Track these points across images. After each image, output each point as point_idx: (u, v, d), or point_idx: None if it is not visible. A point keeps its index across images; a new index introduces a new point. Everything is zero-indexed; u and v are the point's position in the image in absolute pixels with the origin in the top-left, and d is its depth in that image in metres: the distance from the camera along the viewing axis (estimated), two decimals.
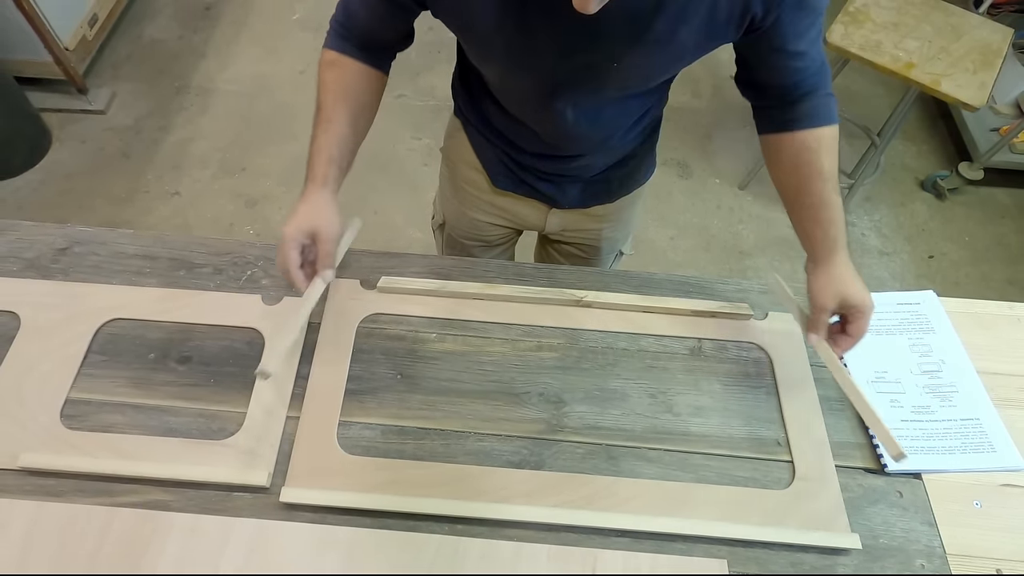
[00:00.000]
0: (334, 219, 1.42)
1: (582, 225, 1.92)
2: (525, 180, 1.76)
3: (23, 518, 1.26)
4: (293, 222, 1.35)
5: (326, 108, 1.44)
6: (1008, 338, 1.64)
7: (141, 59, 4.36)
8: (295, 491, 1.31)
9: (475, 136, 1.77)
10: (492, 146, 1.73)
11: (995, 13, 4.23)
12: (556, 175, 1.73)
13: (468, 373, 1.52)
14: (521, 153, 1.69)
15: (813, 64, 1.38)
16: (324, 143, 1.42)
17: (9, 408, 1.39)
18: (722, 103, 4.36)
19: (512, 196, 1.84)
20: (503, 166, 1.76)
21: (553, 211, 1.86)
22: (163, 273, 1.62)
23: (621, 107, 1.51)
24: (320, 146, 1.42)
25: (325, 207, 1.40)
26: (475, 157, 1.80)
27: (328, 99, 1.44)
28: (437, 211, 2.14)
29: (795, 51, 1.33)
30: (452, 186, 1.96)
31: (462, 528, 1.31)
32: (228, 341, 1.53)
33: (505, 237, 2.08)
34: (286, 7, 4.75)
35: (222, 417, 1.42)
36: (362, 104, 1.49)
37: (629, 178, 1.82)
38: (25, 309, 1.53)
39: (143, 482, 1.33)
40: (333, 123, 1.43)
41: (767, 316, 1.64)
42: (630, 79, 1.35)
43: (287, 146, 3.93)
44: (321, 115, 1.44)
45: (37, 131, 3.77)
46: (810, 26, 1.30)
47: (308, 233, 1.36)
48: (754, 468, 1.42)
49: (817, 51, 1.38)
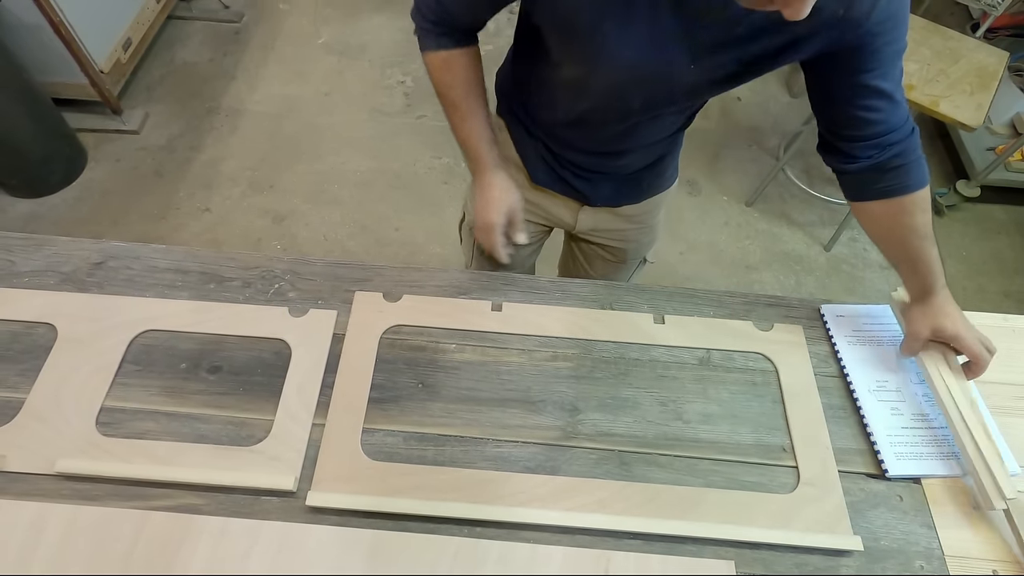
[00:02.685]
0: (517, 193, 1.63)
1: (611, 225, 1.93)
2: (563, 176, 1.77)
3: (60, 521, 1.27)
4: (494, 209, 1.52)
5: (460, 104, 1.56)
6: (1003, 349, 1.62)
7: (173, 81, 4.38)
8: (321, 495, 1.31)
9: (519, 133, 1.79)
10: (535, 142, 1.75)
11: (991, 37, 4.24)
12: (594, 172, 1.75)
13: (486, 382, 1.51)
14: (564, 149, 1.72)
15: (899, 113, 1.36)
16: (477, 131, 1.58)
17: (47, 415, 1.40)
18: (730, 124, 4.35)
19: (548, 193, 1.85)
20: (543, 162, 1.78)
21: (584, 209, 1.87)
22: (194, 286, 1.63)
23: (678, 114, 1.54)
24: (477, 133, 1.58)
25: (509, 185, 1.58)
26: (515, 154, 1.82)
27: (459, 94, 1.55)
28: (468, 212, 2.13)
29: (879, 87, 1.31)
30: None
31: (481, 530, 1.31)
32: (256, 351, 1.53)
33: (535, 237, 2.08)
34: (312, 32, 4.78)
35: (251, 424, 1.42)
36: (481, 82, 1.59)
37: (658, 179, 1.85)
38: (62, 321, 1.53)
39: (175, 486, 1.33)
40: (476, 113, 1.57)
41: (773, 328, 1.63)
42: (701, 83, 1.36)
43: (313, 165, 3.94)
44: (460, 110, 1.56)
45: (73, 150, 3.79)
46: (894, 58, 1.28)
47: (506, 214, 1.53)
48: (760, 473, 1.41)
49: (903, 97, 1.36)
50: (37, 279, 1.61)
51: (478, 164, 1.60)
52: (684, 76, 1.34)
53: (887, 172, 1.41)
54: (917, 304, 1.51)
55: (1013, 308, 3.61)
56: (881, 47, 1.24)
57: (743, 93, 4.42)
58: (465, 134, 1.58)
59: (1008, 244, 3.93)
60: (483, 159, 1.56)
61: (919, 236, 1.43)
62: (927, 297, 1.49)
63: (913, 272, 1.48)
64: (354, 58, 1.66)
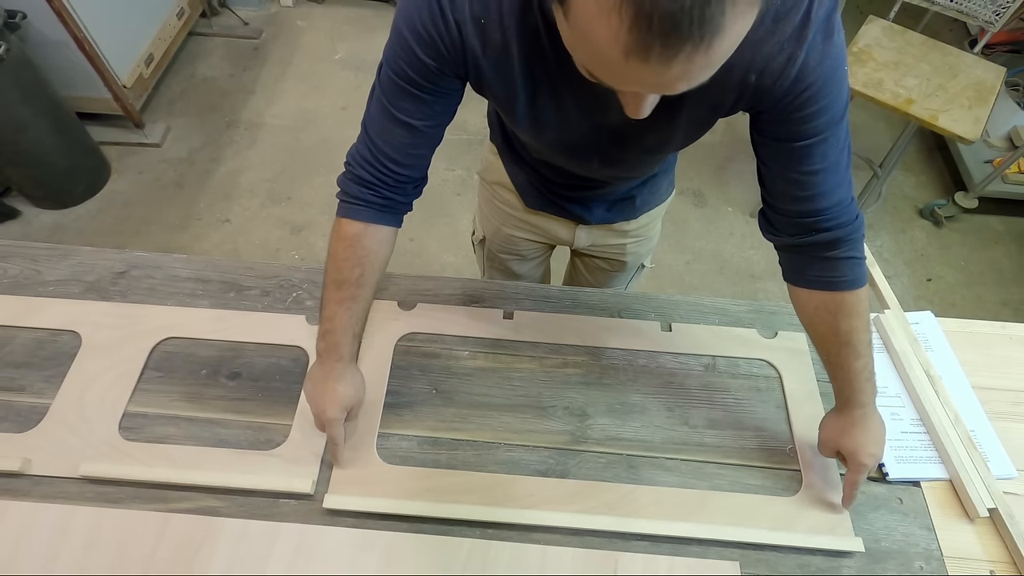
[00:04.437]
0: (363, 389, 1.42)
1: (609, 240, 1.92)
2: (554, 201, 1.76)
3: (84, 523, 1.27)
4: (336, 403, 1.32)
5: (349, 285, 1.34)
6: (1001, 356, 1.64)
7: (194, 96, 4.38)
8: (337, 498, 1.31)
9: (509, 161, 1.76)
10: (526, 171, 1.72)
11: (989, 53, 4.24)
12: (583, 198, 1.74)
13: (498, 388, 1.52)
14: (550, 181, 1.68)
15: (830, 196, 1.21)
16: (349, 322, 1.36)
17: (71, 421, 1.41)
18: (734, 138, 4.36)
19: (543, 215, 1.84)
20: (534, 188, 1.75)
21: (581, 227, 1.86)
22: (214, 295, 1.64)
23: (640, 159, 1.48)
24: (345, 324, 1.36)
25: (358, 381, 1.40)
26: (509, 180, 1.81)
27: (352, 276, 1.34)
28: (477, 228, 2.15)
29: (801, 156, 1.16)
30: (489, 205, 1.97)
31: (493, 532, 1.31)
32: (275, 358, 1.54)
33: (539, 251, 2.09)
34: (329, 48, 4.78)
35: (269, 429, 1.42)
36: (383, 270, 1.41)
37: (650, 196, 1.81)
38: (86, 328, 1.54)
39: (196, 490, 1.34)
40: (357, 301, 1.36)
41: (776, 335, 1.63)
42: (648, 144, 1.30)
43: (330, 177, 3.79)
44: (343, 291, 1.34)
45: (97, 163, 3.79)
46: (817, 136, 1.13)
47: (348, 409, 1.35)
48: (764, 477, 1.42)
49: (837, 182, 1.20)
50: (62, 288, 1.62)
51: (333, 352, 1.36)
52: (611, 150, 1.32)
53: (815, 260, 1.29)
54: (834, 412, 1.38)
55: (1010, 316, 3.60)
56: (806, 119, 1.11)
57: None
58: (334, 315, 1.36)
59: (1005, 254, 3.92)
60: (340, 349, 1.36)
61: (840, 342, 1.29)
62: (842, 408, 1.35)
63: (832, 376, 1.35)
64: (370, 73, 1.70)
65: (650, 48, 0.72)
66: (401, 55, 1.15)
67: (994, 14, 3.33)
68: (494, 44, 1.10)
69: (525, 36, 1.09)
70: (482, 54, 1.12)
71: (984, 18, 3.36)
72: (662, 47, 0.71)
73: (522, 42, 1.10)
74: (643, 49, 0.72)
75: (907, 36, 3.46)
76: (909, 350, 1.59)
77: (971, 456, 1.42)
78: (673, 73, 0.76)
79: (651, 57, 0.73)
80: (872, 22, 3.51)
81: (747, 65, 1.04)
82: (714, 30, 0.71)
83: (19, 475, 1.34)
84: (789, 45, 1.01)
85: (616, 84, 0.85)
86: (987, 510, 1.36)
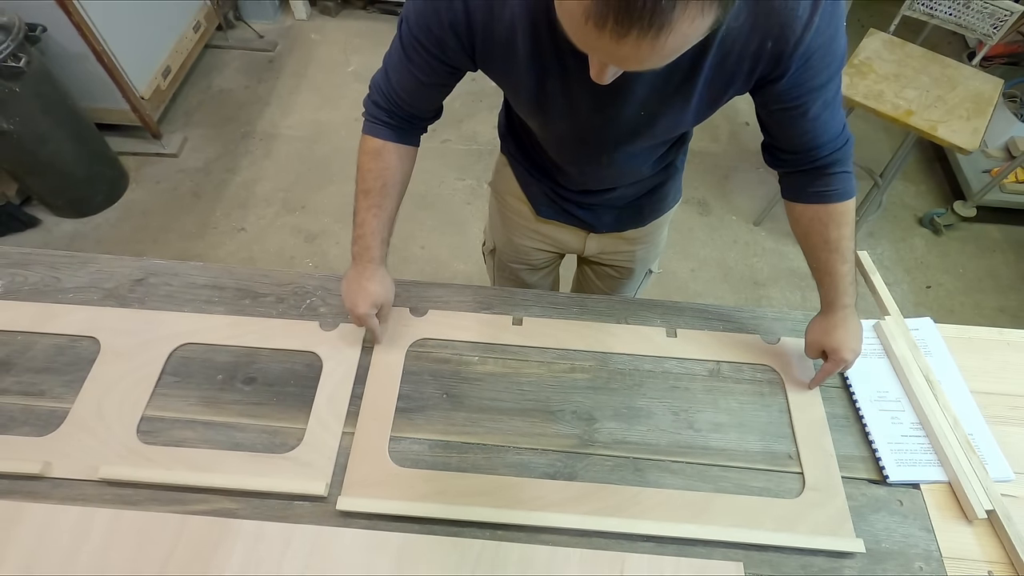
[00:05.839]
0: (392, 289, 1.56)
1: (617, 247, 1.93)
2: (565, 209, 1.77)
3: (103, 525, 1.28)
4: (367, 300, 1.46)
5: (374, 193, 1.48)
6: (999, 361, 1.64)
7: (210, 107, 4.40)
8: (350, 500, 1.32)
9: (520, 172, 1.77)
10: (536, 181, 1.74)
11: (987, 65, 4.23)
12: (593, 205, 1.75)
13: (508, 393, 1.52)
14: (561, 187, 1.70)
15: (827, 133, 1.33)
16: (377, 226, 1.49)
17: (90, 424, 1.41)
18: (738, 147, 4.35)
19: (553, 223, 1.85)
20: (545, 197, 1.77)
21: (591, 235, 1.87)
22: (230, 302, 1.64)
23: (650, 150, 1.50)
24: (374, 228, 1.49)
25: (388, 282, 1.53)
26: (520, 190, 1.81)
27: (376, 185, 1.47)
28: (488, 238, 2.16)
29: (806, 111, 1.26)
30: (500, 216, 1.98)
31: (502, 534, 1.31)
32: (289, 364, 1.54)
33: (548, 261, 2.10)
34: (342, 60, 4.79)
35: (284, 433, 1.43)
36: (404, 182, 1.53)
37: (658, 204, 1.82)
38: (105, 334, 1.55)
39: (212, 492, 1.34)
40: (383, 208, 1.49)
41: (779, 341, 1.63)
42: (658, 129, 1.34)
43: (343, 186, 3.94)
44: (370, 199, 1.48)
45: (116, 173, 3.80)
46: (820, 88, 1.22)
47: (378, 306, 1.48)
48: (768, 479, 1.41)
49: (833, 120, 1.32)
50: (81, 295, 1.63)
51: (365, 254, 1.51)
52: (625, 124, 1.34)
53: (814, 179, 1.41)
54: (819, 315, 1.53)
55: (1008, 323, 3.59)
56: (811, 78, 1.19)
57: (751, 119, 4.32)
58: (364, 222, 1.49)
59: (1003, 262, 3.91)
60: (371, 251, 1.50)
61: (829, 249, 1.42)
62: (827, 310, 1.50)
63: (820, 283, 1.49)
64: None
65: (606, 18, 0.78)
66: (418, 19, 1.22)
67: (992, 27, 3.32)
68: (501, 20, 1.16)
69: (531, 18, 1.13)
70: (489, 29, 1.17)
71: (982, 31, 3.35)
72: (615, 23, 0.78)
73: (529, 26, 1.14)
74: (600, 17, 0.79)
75: (907, 49, 3.46)
76: (909, 355, 1.59)
77: (970, 459, 1.42)
78: (623, 52, 0.83)
79: (606, 27, 0.79)
80: (873, 35, 3.52)
81: (763, 32, 1.10)
82: (663, 22, 0.77)
83: (40, 477, 1.34)
84: (805, 11, 1.07)
85: (580, 46, 0.89)
86: (985, 512, 1.36)
